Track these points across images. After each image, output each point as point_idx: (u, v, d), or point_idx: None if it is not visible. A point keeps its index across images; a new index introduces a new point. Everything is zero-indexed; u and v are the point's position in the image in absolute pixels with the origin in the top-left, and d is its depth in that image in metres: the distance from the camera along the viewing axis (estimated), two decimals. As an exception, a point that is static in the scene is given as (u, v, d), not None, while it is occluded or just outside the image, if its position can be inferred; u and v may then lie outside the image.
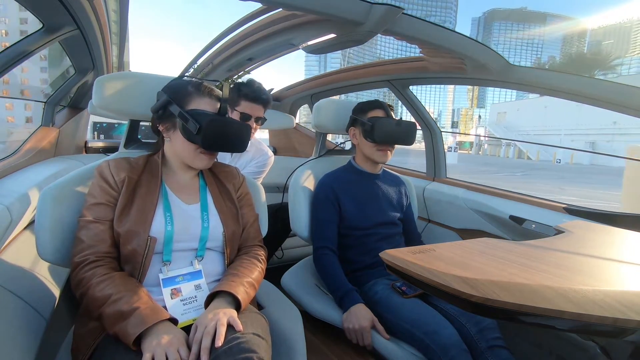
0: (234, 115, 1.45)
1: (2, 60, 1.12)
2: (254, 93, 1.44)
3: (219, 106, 0.86)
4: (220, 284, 0.81)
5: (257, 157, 1.73)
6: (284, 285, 1.28)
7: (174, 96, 0.85)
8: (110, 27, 1.42)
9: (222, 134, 0.83)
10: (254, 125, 1.48)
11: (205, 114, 0.82)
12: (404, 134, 1.26)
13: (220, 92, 0.88)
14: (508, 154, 33.49)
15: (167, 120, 0.86)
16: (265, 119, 1.52)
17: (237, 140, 0.87)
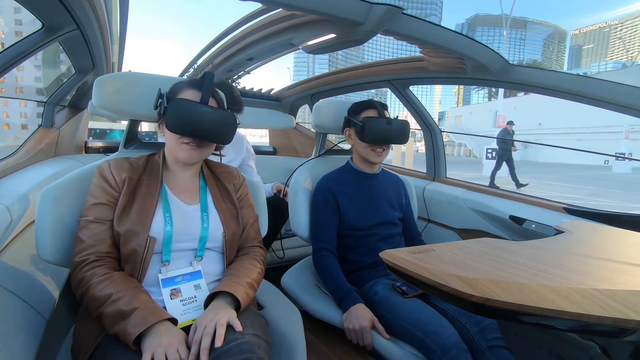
0: None
1: (2, 60, 1.12)
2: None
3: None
4: (220, 285, 0.81)
5: (237, 146, 1.77)
6: (284, 285, 1.28)
7: (168, 91, 0.86)
8: (111, 27, 1.42)
9: (187, 117, 0.80)
10: None
11: (179, 98, 0.82)
12: (396, 133, 1.24)
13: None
14: (459, 152, 38.82)
15: (161, 115, 0.86)
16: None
17: (210, 128, 0.82)
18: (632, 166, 18.03)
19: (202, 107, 0.82)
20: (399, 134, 1.25)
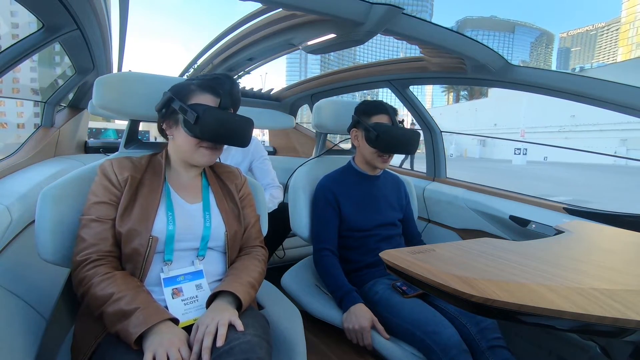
0: None
1: (2, 60, 1.12)
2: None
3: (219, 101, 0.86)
4: (221, 284, 0.81)
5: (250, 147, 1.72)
6: (284, 285, 1.28)
7: (176, 93, 0.85)
8: (111, 27, 1.42)
9: (220, 125, 0.82)
10: None
11: (204, 105, 0.83)
12: (409, 144, 1.22)
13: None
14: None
15: (169, 117, 0.86)
16: None
17: (237, 133, 0.86)
18: (527, 160, 24.37)
19: (233, 116, 0.86)
20: (411, 144, 1.22)
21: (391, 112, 1.24)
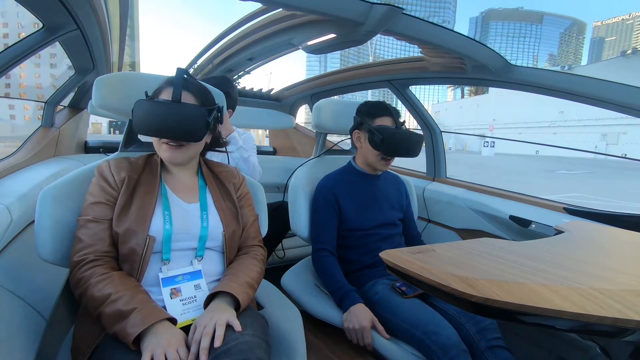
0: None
1: (2, 60, 1.12)
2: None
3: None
4: (219, 285, 0.81)
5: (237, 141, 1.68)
6: (284, 285, 1.28)
7: (153, 92, 0.86)
8: (111, 27, 1.42)
9: (155, 118, 0.77)
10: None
11: (140, 100, 0.80)
12: (413, 147, 1.22)
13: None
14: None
15: None
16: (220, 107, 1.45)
17: (175, 126, 0.78)
18: (495, 152, 27.71)
19: (160, 106, 0.78)
20: (414, 148, 1.22)
21: (395, 114, 1.24)
